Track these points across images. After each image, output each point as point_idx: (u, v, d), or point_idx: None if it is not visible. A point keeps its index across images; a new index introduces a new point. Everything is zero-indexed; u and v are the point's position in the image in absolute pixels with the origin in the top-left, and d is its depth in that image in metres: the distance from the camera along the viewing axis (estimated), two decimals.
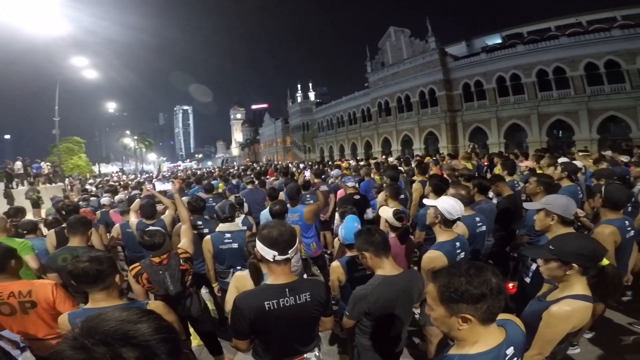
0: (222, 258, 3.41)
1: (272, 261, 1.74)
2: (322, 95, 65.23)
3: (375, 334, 2.13)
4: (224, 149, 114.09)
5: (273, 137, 61.63)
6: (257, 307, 1.69)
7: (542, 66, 22.08)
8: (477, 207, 3.64)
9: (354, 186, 5.15)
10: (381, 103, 32.56)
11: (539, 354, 1.68)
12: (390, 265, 2.17)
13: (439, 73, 26.90)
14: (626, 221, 2.76)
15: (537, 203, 2.65)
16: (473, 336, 1.18)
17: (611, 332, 3.41)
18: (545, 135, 22.30)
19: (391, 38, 30.66)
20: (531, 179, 3.45)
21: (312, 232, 4.32)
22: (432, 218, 2.61)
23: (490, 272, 1.19)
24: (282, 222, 1.90)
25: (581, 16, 27.64)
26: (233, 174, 13.99)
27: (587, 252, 1.69)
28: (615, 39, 19.47)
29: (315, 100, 49.45)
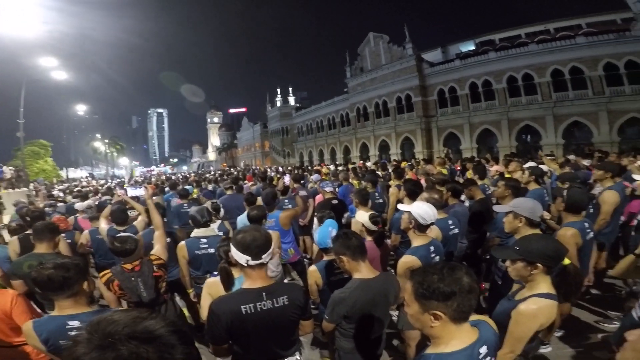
0: (198, 264, 3.37)
1: (246, 266, 1.75)
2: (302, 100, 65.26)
3: (355, 336, 2.15)
4: (200, 153, 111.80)
5: (251, 142, 60.99)
6: (234, 311, 1.69)
7: (512, 72, 23.05)
8: (451, 211, 3.76)
9: (332, 191, 5.19)
10: (360, 108, 32.98)
11: (511, 352, 1.74)
12: (367, 268, 2.20)
13: (415, 79, 27.55)
14: (586, 223, 2.91)
15: (505, 206, 2.77)
16: (446, 334, 1.22)
17: (580, 330, 3.56)
18: (514, 140, 23.24)
19: (370, 44, 31.20)
20: (500, 182, 3.60)
21: (290, 237, 4.31)
22: (407, 223, 2.68)
23: (463, 272, 1.24)
24: (257, 227, 1.90)
25: (549, 23, 29.16)
26: (209, 179, 13.73)
27: (550, 252, 1.78)
28: (579, 46, 20.60)
29: (295, 105, 49.46)
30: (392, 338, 3.52)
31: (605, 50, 19.74)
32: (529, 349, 1.85)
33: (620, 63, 19.34)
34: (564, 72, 21.15)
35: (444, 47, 33.91)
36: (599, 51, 19.91)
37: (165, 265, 2.76)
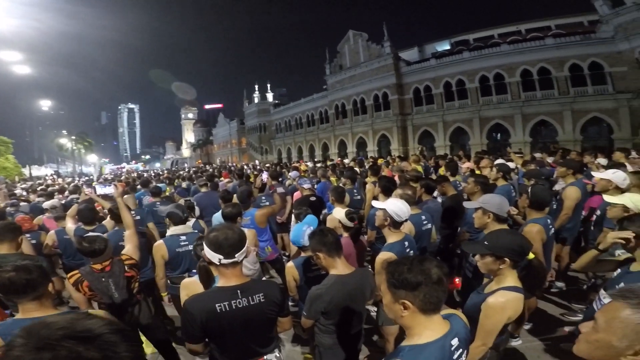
0: (178, 262, 3.28)
1: (219, 264, 1.74)
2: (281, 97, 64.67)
3: (334, 332, 2.18)
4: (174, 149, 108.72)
5: (227, 138, 59.90)
6: (208, 309, 1.67)
7: (485, 72, 23.80)
8: (424, 207, 3.86)
9: (310, 188, 5.20)
10: (338, 106, 33.12)
11: (483, 345, 1.80)
12: (343, 264, 2.24)
13: (392, 77, 27.93)
14: (548, 219, 3.05)
15: (475, 202, 2.87)
16: (417, 325, 1.27)
17: (547, 323, 3.72)
18: (485, 138, 24.05)
19: (350, 41, 31.33)
20: (469, 179, 3.73)
21: (267, 235, 4.29)
22: (382, 220, 2.73)
23: (433, 265, 1.29)
24: (231, 226, 1.88)
25: (521, 24, 30.08)
26: (183, 176, 13.41)
27: (516, 248, 1.86)
28: (547, 47, 21.52)
29: (274, 102, 48.92)
30: (371, 333, 3.58)
31: (571, 51, 20.73)
32: (500, 342, 1.92)
33: (585, 64, 20.39)
34: (532, 72, 22.06)
35: (420, 46, 34.44)
36: (566, 52, 20.87)
37: (137, 265, 2.70)
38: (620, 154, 6.07)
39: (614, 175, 3.34)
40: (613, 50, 19.47)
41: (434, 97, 26.44)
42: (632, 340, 0.87)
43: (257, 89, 48.69)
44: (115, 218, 3.76)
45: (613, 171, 3.45)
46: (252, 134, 49.78)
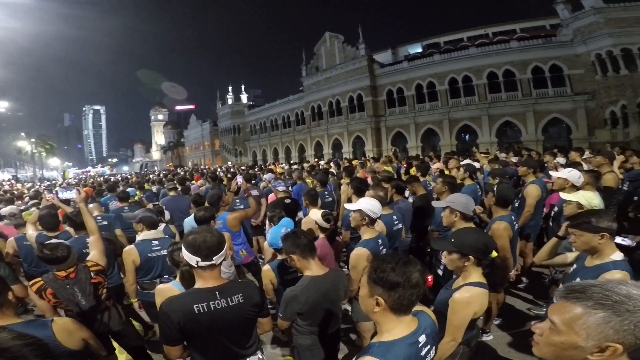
0: (150, 267, 3.20)
1: (196, 267, 1.74)
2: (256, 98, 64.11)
3: (312, 332, 2.19)
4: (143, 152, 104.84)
5: (200, 140, 58.50)
6: (185, 311, 1.67)
7: (454, 75, 24.69)
8: (395, 207, 3.96)
9: (284, 190, 5.19)
10: (314, 107, 33.26)
11: (453, 340, 1.86)
12: (317, 265, 2.26)
13: (366, 79, 28.40)
14: (513, 216, 3.21)
15: (442, 202, 2.99)
16: (387, 322, 1.30)
17: (515, 317, 3.85)
18: (454, 139, 24.93)
19: (326, 43, 31.57)
20: (438, 179, 3.87)
21: (241, 238, 4.25)
22: (359, 220, 2.79)
23: (416, 269, 1.31)
24: (209, 229, 1.88)
25: (489, 28, 31.32)
26: (153, 179, 13.02)
27: (481, 246, 1.94)
28: (512, 50, 22.64)
29: (248, 103, 48.31)
30: (349, 332, 3.61)
31: (534, 54, 21.93)
32: (471, 337, 1.99)
33: (546, 67, 21.63)
34: (498, 74, 23.12)
35: (394, 48, 35.14)
36: (529, 55, 22.04)
37: (104, 272, 2.63)
38: (575, 154, 6.50)
39: (569, 174, 3.56)
40: (571, 53, 20.78)
41: (406, 99, 27.12)
42: (598, 340, 0.89)
43: (231, 90, 47.89)
44: (73, 225, 3.61)
45: (569, 170, 3.69)
46: (225, 135, 48.90)
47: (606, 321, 0.88)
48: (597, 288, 0.92)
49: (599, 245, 1.97)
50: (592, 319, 0.90)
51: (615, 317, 0.88)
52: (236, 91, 48.71)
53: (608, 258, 1.97)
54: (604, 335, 0.89)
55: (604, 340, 0.89)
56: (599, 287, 0.93)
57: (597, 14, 19.02)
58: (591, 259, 2.06)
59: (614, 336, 0.88)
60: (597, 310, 0.89)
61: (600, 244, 1.96)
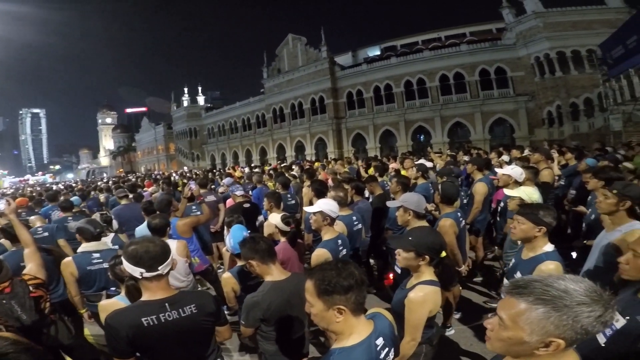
0: (92, 280, 3.09)
1: (141, 278, 1.68)
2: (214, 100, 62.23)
3: (277, 338, 2.16)
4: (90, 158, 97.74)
5: (153, 144, 55.61)
6: (133, 324, 1.61)
7: (409, 77, 25.70)
8: (355, 207, 4.04)
9: (243, 194, 5.10)
10: (276, 109, 32.99)
11: (412, 340, 1.89)
12: (278, 270, 2.23)
13: (327, 81, 28.72)
14: (458, 213, 3.37)
15: (396, 201, 3.08)
16: (348, 328, 1.30)
17: (474, 310, 3.99)
18: (410, 140, 25.97)
19: (289, 45, 31.47)
20: (392, 179, 4.01)
21: (193, 245, 4.10)
22: (321, 222, 2.79)
23: (353, 266, 1.34)
24: (151, 238, 1.83)
25: (442, 31, 33.00)
26: (101, 187, 12.22)
27: (436, 246, 2.01)
28: (462, 53, 24.01)
29: (206, 105, 46.72)
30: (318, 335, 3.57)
31: (481, 57, 23.43)
32: (432, 335, 2.04)
33: (492, 69, 23.21)
34: (449, 77, 24.43)
35: (354, 51, 35.86)
36: (477, 58, 23.51)
37: (44, 285, 2.47)
38: (516, 152, 7.05)
39: (512, 170, 3.84)
40: (514, 56, 22.50)
41: (365, 101, 27.79)
42: (541, 335, 0.90)
43: (187, 91, 46.09)
44: (9, 237, 3.42)
45: (512, 167, 3.99)
46: (181, 139, 46.89)
47: (546, 316, 0.89)
48: (538, 283, 0.94)
49: (534, 237, 2.13)
50: (534, 315, 0.91)
51: (554, 312, 0.89)
52: (193, 93, 46.98)
53: (541, 250, 2.12)
54: (546, 331, 0.90)
55: (546, 336, 0.90)
56: (540, 283, 0.94)
57: (538, 18, 20.69)
58: (527, 251, 2.21)
59: (555, 331, 0.89)
60: (537, 305, 0.91)
61: (536, 236, 2.12)
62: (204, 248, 4.78)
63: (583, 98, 19.71)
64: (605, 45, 14.44)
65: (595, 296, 0.89)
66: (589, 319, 0.87)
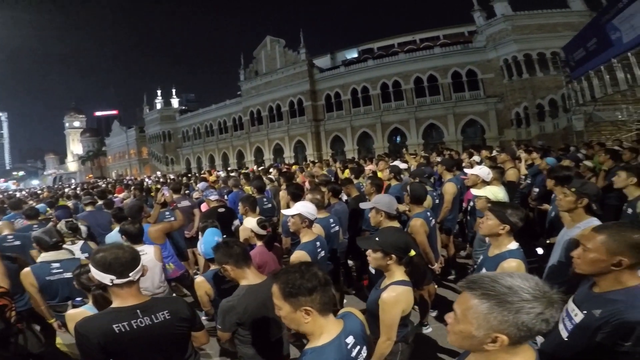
0: (53, 290, 3.03)
1: (111, 285, 1.65)
2: (189, 102, 60.94)
3: (255, 341, 2.15)
4: (57, 163, 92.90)
5: (125, 148, 53.66)
6: (105, 331, 1.59)
7: (385, 80, 26.20)
8: (332, 210, 4.09)
9: (217, 199, 5.04)
10: (253, 112, 32.72)
11: (388, 339, 1.93)
12: (253, 274, 2.23)
13: (306, 84, 28.81)
14: (428, 212, 3.46)
15: (369, 203, 3.15)
16: (318, 328, 1.33)
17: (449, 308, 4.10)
18: (387, 142, 26.42)
19: (267, 47, 31.32)
20: (367, 181, 4.09)
21: (167, 251, 4.03)
22: (299, 224, 2.81)
23: (317, 268, 1.38)
24: (120, 245, 1.82)
25: (416, 34, 33.75)
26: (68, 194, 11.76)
27: (401, 245, 2.06)
28: (435, 56, 24.72)
29: (180, 108, 45.56)
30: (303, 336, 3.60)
31: (453, 60, 24.20)
32: (407, 334, 2.09)
33: (463, 71, 24.03)
34: (423, 79, 25.09)
35: (332, 53, 36.19)
36: (449, 61, 24.25)
37: (8, 294, 2.42)
38: (485, 152, 7.34)
39: (480, 170, 3.99)
40: (484, 59, 23.38)
41: (343, 103, 28.08)
42: (486, 329, 0.92)
43: (160, 94, 44.78)
44: None
45: (479, 167, 4.15)
46: (154, 142, 45.47)
47: (490, 311, 0.91)
48: (487, 279, 0.97)
49: (498, 234, 2.22)
50: (480, 309, 0.93)
51: (497, 307, 0.91)
52: (166, 95, 45.68)
53: (505, 248, 2.21)
54: (491, 325, 0.92)
55: (491, 331, 0.92)
56: (489, 278, 0.96)
57: (507, 22, 21.60)
58: (492, 249, 2.30)
59: (499, 327, 0.91)
60: (483, 300, 0.93)
61: (500, 234, 2.21)
62: (179, 254, 4.71)
63: (548, 99, 20.79)
64: (568, 48, 15.07)
65: (539, 294, 0.91)
66: (529, 315, 0.89)
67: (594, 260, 1.49)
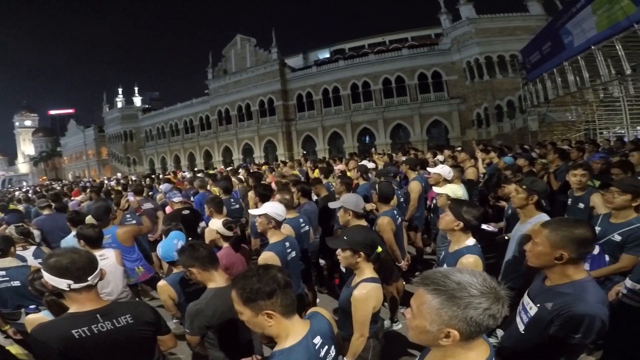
0: (2, 299, 2.91)
1: (68, 290, 1.60)
2: (153, 101, 58.42)
3: (225, 345, 2.12)
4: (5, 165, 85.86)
5: (82, 149, 50.63)
6: (64, 337, 1.54)
7: (355, 80, 26.57)
8: (302, 210, 4.09)
9: (181, 201, 4.90)
10: (222, 111, 31.97)
11: (361, 336, 1.97)
12: (221, 276, 2.20)
13: (277, 83, 28.56)
14: (395, 211, 3.56)
15: (337, 202, 3.19)
16: (283, 331, 1.32)
17: None
18: (356, 141, 26.82)
19: (237, 46, 30.71)
20: (337, 180, 4.14)
21: (136, 254, 3.91)
22: (266, 225, 2.79)
23: (276, 270, 1.37)
24: (75, 249, 1.79)
25: (386, 36, 34.36)
26: (19, 197, 10.99)
27: (368, 242, 2.10)
28: (403, 57, 25.33)
29: (143, 106, 43.58)
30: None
31: (420, 61, 24.94)
32: (377, 330, 2.13)
33: (429, 73, 24.83)
34: (391, 80, 25.69)
35: (305, 53, 36.16)
36: (416, 62, 24.97)
37: None
38: (447, 152, 7.67)
39: (441, 169, 4.16)
40: (449, 61, 24.27)
41: (315, 103, 28.14)
42: (439, 325, 0.93)
43: (122, 92, 42.60)
44: None
45: (441, 166, 4.32)
46: (115, 142, 43.18)
47: (442, 307, 0.93)
48: (439, 274, 0.99)
49: (453, 230, 2.31)
50: (433, 305, 0.95)
51: (447, 303, 0.92)
52: (129, 93, 43.56)
53: (463, 244, 2.30)
54: (442, 321, 0.93)
55: (444, 326, 0.94)
56: (441, 274, 0.98)
57: (470, 24, 22.47)
58: (452, 245, 2.39)
59: (450, 322, 0.92)
60: (435, 296, 0.95)
61: (455, 230, 2.30)
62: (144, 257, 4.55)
63: (506, 100, 21.96)
64: (525, 51, 15.82)
65: (486, 290, 0.93)
66: (477, 311, 0.91)
67: (540, 253, 1.56)
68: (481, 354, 1.02)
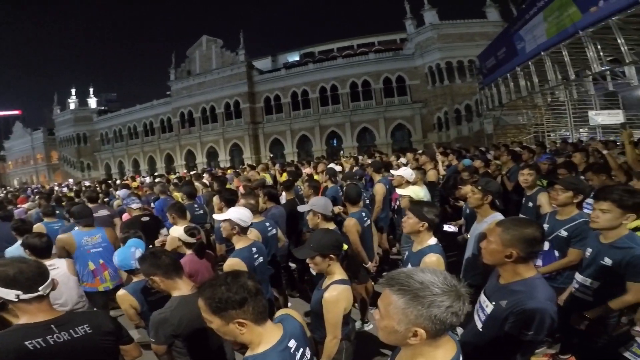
0: None
1: (17, 301, 1.52)
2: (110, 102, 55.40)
3: (193, 353, 2.06)
4: None
5: (30, 153, 46.72)
6: (16, 348, 1.48)
7: (324, 83, 26.78)
8: (269, 214, 4.06)
9: (140, 207, 4.68)
10: (184, 113, 30.81)
11: (334, 338, 1.98)
12: (185, 284, 2.14)
13: (244, 86, 28.04)
14: (363, 212, 3.61)
15: (306, 205, 3.21)
16: (257, 337, 1.29)
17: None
18: (325, 145, 27.04)
19: (202, 47, 29.79)
20: (304, 184, 4.15)
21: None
22: (229, 230, 2.73)
23: (246, 277, 1.33)
24: (22, 258, 1.72)
25: (354, 40, 34.70)
26: None
27: (334, 242, 2.12)
28: (369, 61, 25.86)
29: (99, 108, 40.96)
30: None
31: (385, 66, 25.58)
32: (349, 331, 2.15)
33: (394, 77, 25.57)
34: (358, 84, 26.18)
35: (274, 56, 35.77)
36: (382, 67, 25.59)
37: None
38: (410, 155, 7.95)
39: (404, 172, 4.31)
40: (412, 66, 25.08)
41: (283, 106, 27.98)
42: (406, 324, 0.95)
43: (75, 92, 39.73)
44: None
45: (404, 169, 4.48)
46: (66, 146, 40.14)
47: (407, 306, 0.95)
48: (403, 275, 1.01)
49: (419, 231, 2.39)
50: (399, 305, 0.97)
51: (412, 302, 0.95)
52: (83, 94, 40.70)
53: (426, 244, 2.38)
54: (409, 320, 0.95)
55: (410, 325, 0.95)
56: (404, 274, 1.00)
57: (433, 30, 23.26)
58: (416, 245, 2.47)
59: (416, 321, 0.95)
60: (400, 296, 0.97)
61: (420, 230, 2.38)
62: None
63: (464, 104, 23.09)
64: (482, 56, 16.60)
65: (447, 288, 0.96)
66: (440, 309, 0.94)
67: (493, 251, 1.64)
68: (448, 351, 1.05)
